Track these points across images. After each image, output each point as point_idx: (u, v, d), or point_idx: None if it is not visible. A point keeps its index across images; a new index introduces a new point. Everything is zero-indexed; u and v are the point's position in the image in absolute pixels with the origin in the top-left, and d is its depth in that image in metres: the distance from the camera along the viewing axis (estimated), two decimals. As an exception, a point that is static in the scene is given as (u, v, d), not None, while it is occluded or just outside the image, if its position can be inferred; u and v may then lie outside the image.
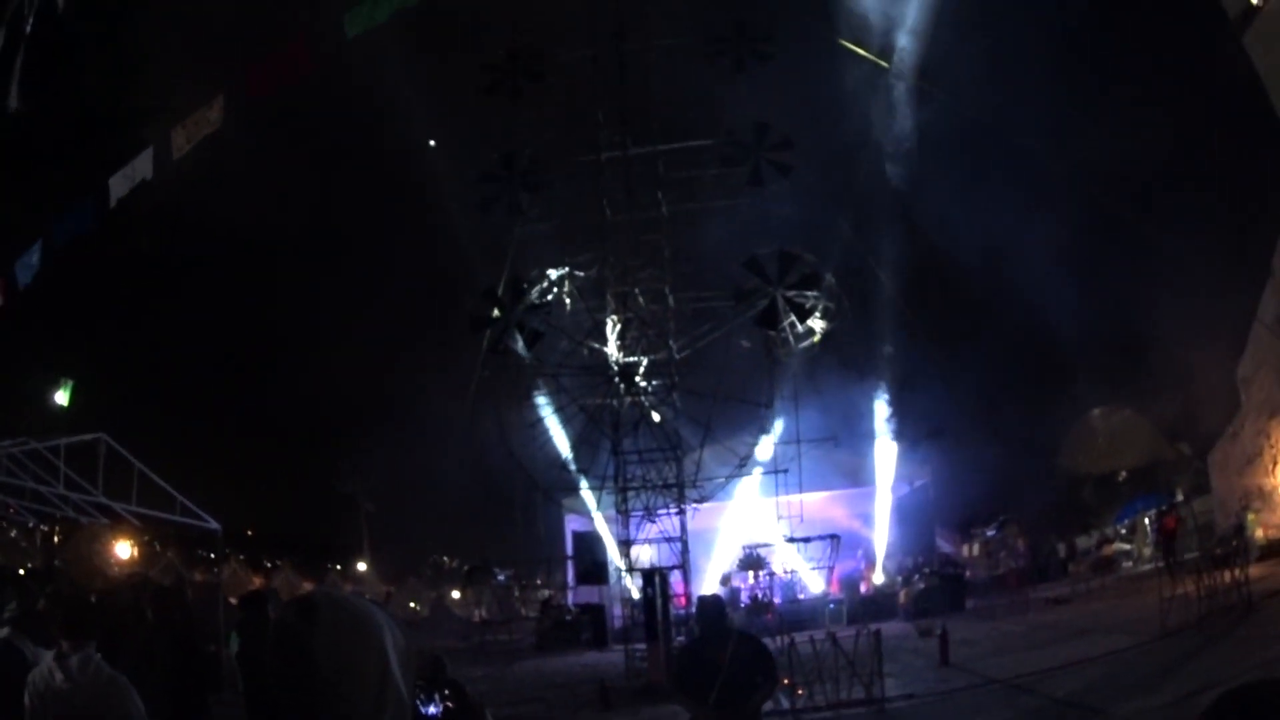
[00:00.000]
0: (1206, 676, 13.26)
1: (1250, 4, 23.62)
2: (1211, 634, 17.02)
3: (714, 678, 8.03)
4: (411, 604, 36.62)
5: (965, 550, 31.72)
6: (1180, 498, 31.39)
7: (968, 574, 30.19)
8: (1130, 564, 30.81)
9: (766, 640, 8.96)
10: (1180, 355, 29.95)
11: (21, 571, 27.50)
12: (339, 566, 53.38)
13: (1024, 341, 34.13)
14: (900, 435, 33.62)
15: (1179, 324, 29.03)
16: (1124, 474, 37.17)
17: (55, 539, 28.48)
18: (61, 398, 32.58)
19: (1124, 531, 33.31)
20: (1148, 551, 30.49)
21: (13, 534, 34.20)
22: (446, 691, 8.52)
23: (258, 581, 35.21)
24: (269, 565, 47.16)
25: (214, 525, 27.14)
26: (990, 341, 32.45)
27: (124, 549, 33.16)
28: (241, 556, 41.55)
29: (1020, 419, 33.92)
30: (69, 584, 13.09)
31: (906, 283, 33.57)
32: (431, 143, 28.95)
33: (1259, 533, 25.40)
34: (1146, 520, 31.56)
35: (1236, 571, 19.53)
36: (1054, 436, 36.40)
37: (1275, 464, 26.24)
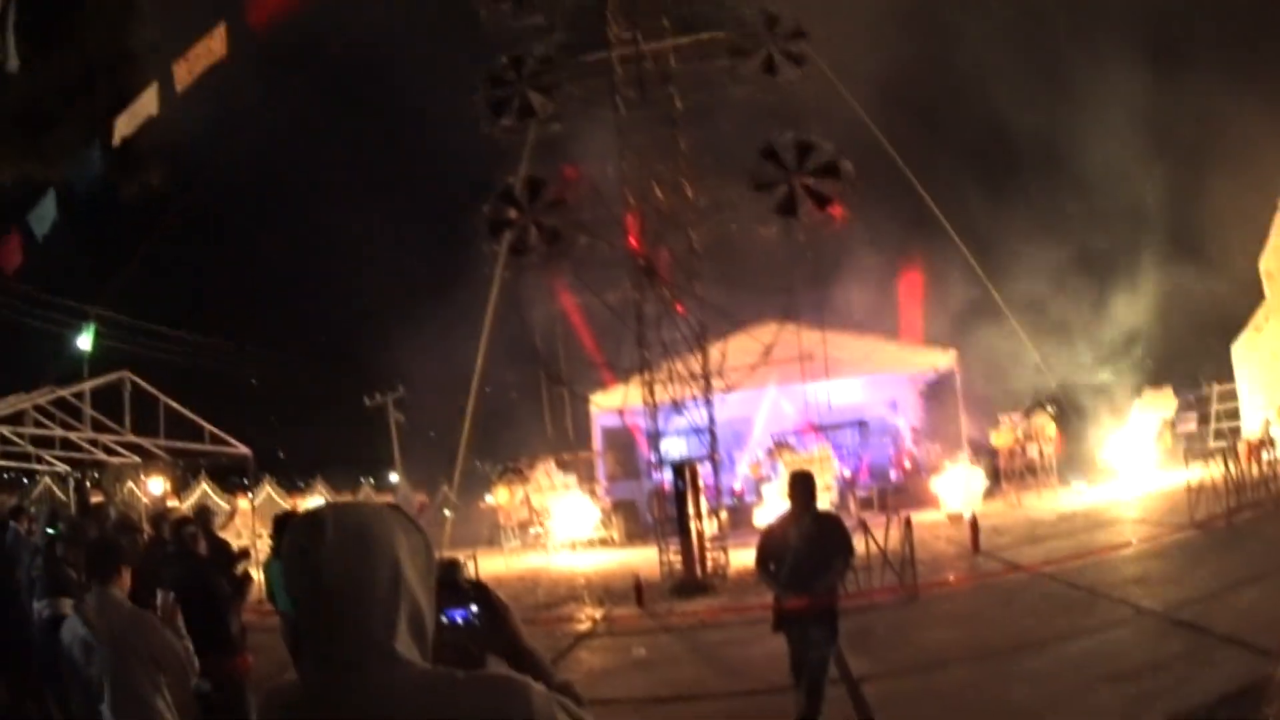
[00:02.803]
0: (1234, 572, 13.20)
1: None
2: (1239, 529, 17.02)
3: (787, 556, 8.16)
4: (446, 511, 36.89)
5: (995, 436, 31.55)
6: (1205, 388, 31.23)
7: (998, 460, 30.12)
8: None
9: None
10: (1206, 242, 29.59)
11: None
12: (372, 480, 53.69)
13: (1052, 216, 33.69)
14: (929, 317, 33.55)
15: (1206, 209, 28.67)
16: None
17: (88, 484, 28.73)
18: (85, 342, 32.92)
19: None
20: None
21: (43, 483, 34.59)
22: (470, 594, 8.51)
23: (292, 504, 35.48)
24: (302, 485, 47.39)
25: (244, 450, 27.39)
26: (1013, 220, 31.95)
27: (156, 485, 33.55)
28: (275, 480, 41.85)
29: (1049, 297, 33.41)
30: (97, 525, 13.09)
31: (931, 159, 33.31)
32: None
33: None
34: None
35: (1265, 466, 19.62)
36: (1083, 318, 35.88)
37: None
